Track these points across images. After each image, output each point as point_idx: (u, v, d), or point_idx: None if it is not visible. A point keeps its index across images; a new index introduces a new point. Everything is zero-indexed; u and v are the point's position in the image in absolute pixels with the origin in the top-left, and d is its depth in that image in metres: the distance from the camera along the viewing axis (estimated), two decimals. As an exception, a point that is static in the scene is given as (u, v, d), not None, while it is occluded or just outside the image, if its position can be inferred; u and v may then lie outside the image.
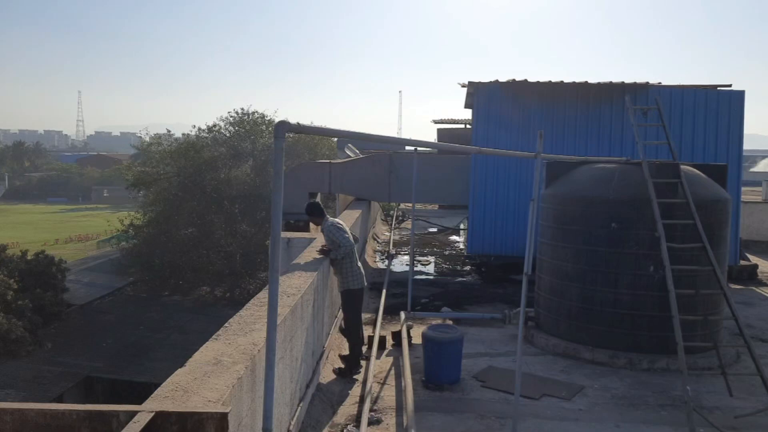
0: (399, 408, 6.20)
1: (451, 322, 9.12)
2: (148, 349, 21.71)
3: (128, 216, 30.68)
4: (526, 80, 12.62)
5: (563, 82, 12.68)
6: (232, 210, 27.81)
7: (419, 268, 15.30)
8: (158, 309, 26.40)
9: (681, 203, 7.40)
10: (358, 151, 22.02)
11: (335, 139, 28.51)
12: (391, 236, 20.19)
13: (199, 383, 3.21)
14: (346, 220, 9.81)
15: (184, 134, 35.46)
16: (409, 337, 8.10)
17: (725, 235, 8.02)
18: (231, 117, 32.88)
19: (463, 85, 13.64)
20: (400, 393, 6.52)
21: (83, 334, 22.97)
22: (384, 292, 10.31)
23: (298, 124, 2.73)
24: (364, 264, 12.48)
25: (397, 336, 8.17)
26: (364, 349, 7.56)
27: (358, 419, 5.79)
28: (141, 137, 40.94)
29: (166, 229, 27.72)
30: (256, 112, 32.86)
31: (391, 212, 26.24)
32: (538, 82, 12.64)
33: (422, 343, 7.07)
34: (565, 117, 12.67)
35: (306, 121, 27.11)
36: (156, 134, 37.47)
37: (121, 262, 31.04)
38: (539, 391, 6.70)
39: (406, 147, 15.77)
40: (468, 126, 23.06)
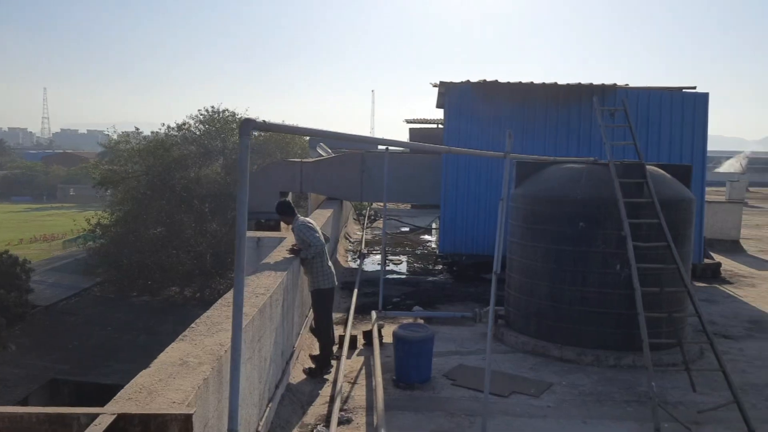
0: (369, 407, 6.19)
1: (422, 321, 9.15)
2: (115, 350, 21.34)
3: (95, 215, 30.10)
4: (496, 81, 12.72)
5: (533, 83, 12.81)
6: (202, 209, 27.48)
7: (391, 267, 15.31)
8: (126, 310, 25.96)
9: (647, 203, 7.54)
10: (330, 151, 21.95)
11: (307, 138, 28.37)
12: (363, 236, 20.17)
13: (163, 384, 3.16)
14: (318, 220, 9.77)
15: (153, 132, 34.95)
16: (380, 337, 8.09)
17: (689, 234, 8.19)
18: (201, 115, 32.48)
19: (435, 85, 13.68)
20: (370, 392, 6.52)
21: (49, 336, 22.50)
22: (355, 292, 10.30)
23: (264, 122, 2.70)
24: (335, 263, 12.45)
25: (368, 335, 8.16)
26: (335, 348, 7.54)
27: (328, 419, 5.77)
28: (108, 135, 40.17)
29: (134, 228, 27.26)
30: (227, 110, 32.55)
31: (364, 211, 26.23)
32: (509, 83, 12.74)
33: (393, 342, 7.08)
34: (535, 117, 12.78)
35: (278, 121, 26.90)
36: (124, 132, 36.84)
37: (87, 262, 30.47)
38: (509, 388, 6.77)
39: (379, 146, 15.77)
40: (440, 126, 23.17)
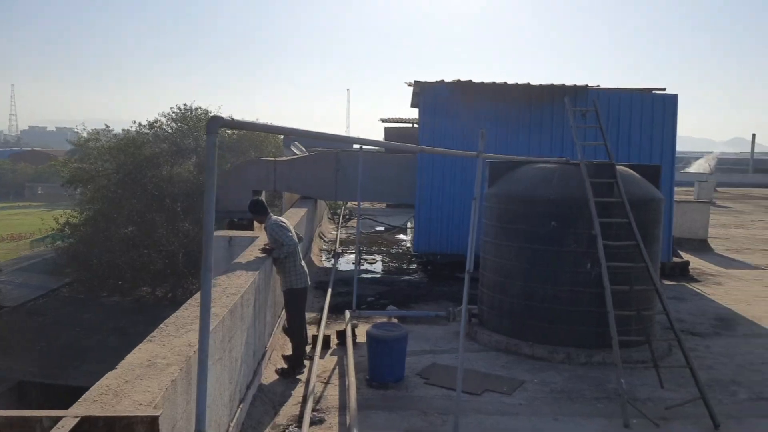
0: (342, 407, 6.17)
1: (396, 320, 9.15)
2: (85, 351, 20.91)
3: (64, 214, 29.47)
4: (470, 81, 12.79)
5: (507, 83, 12.91)
6: (174, 208, 27.08)
7: (366, 266, 15.29)
8: (96, 310, 25.44)
9: (617, 202, 7.65)
10: (304, 149, 21.85)
11: (281, 136, 28.20)
12: (337, 235, 20.11)
13: (130, 386, 3.10)
14: (291, 219, 9.72)
15: (123, 130, 34.35)
16: (354, 336, 8.07)
17: (658, 233, 8.33)
18: (173, 113, 32.00)
19: (410, 85, 13.71)
20: (344, 392, 6.50)
21: (16, 337, 21.94)
22: (329, 291, 10.27)
23: (233, 119, 2.66)
24: (309, 263, 12.40)
25: (341, 335, 8.14)
26: (308, 348, 7.51)
27: (300, 419, 5.73)
28: (78, 133, 39.36)
29: (104, 227, 26.74)
30: (200, 108, 32.10)
31: (339, 211, 26.15)
32: (483, 83, 12.83)
33: (367, 341, 7.05)
34: (508, 117, 12.88)
35: (252, 119, 26.66)
36: (94, 129, 36.10)
37: (56, 262, 29.77)
38: (481, 386, 6.80)
39: (354, 145, 15.74)
40: (415, 125, 23.23)
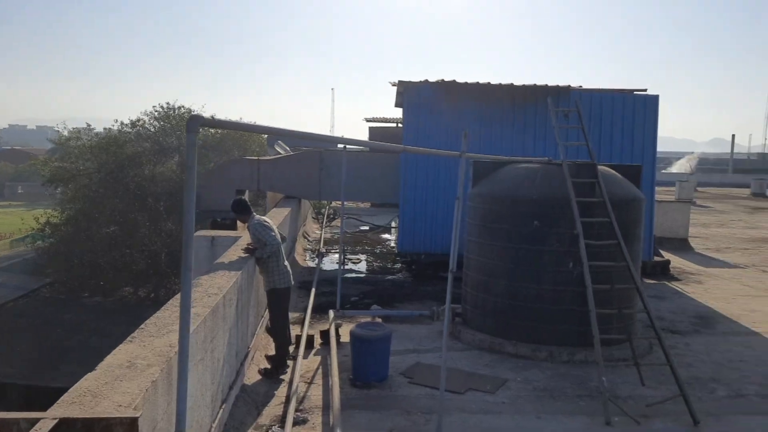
0: (326, 407, 6.16)
1: (380, 319, 9.16)
2: (66, 352, 20.65)
3: (44, 214, 29.08)
4: (454, 81, 12.82)
5: (490, 83, 12.96)
6: (157, 207, 26.83)
7: (350, 266, 15.28)
8: (77, 311, 25.13)
9: (598, 202, 7.72)
10: (288, 148, 21.76)
11: (265, 135, 28.07)
12: (321, 234, 20.07)
13: (109, 387, 3.07)
14: (275, 218, 9.68)
15: (105, 128, 33.94)
16: (338, 336, 8.06)
17: (639, 232, 8.42)
18: (156, 111, 31.69)
19: (394, 84, 13.72)
20: (327, 392, 6.48)
21: (-6, 339, 21.64)
22: (313, 291, 10.24)
23: (213, 118, 2.65)
24: (293, 263, 12.36)
25: (325, 335, 8.13)
26: (291, 348, 7.48)
27: (283, 420, 5.71)
28: (59, 131, 38.85)
29: (85, 227, 26.43)
30: (183, 106, 31.83)
31: (323, 210, 26.09)
32: (466, 83, 12.86)
33: (350, 341, 7.06)
34: (492, 117, 12.93)
35: (236, 118, 26.50)
36: (75, 128, 35.63)
37: (36, 262, 29.35)
38: (465, 385, 6.83)
39: (338, 145, 15.72)
40: (400, 125, 23.23)
